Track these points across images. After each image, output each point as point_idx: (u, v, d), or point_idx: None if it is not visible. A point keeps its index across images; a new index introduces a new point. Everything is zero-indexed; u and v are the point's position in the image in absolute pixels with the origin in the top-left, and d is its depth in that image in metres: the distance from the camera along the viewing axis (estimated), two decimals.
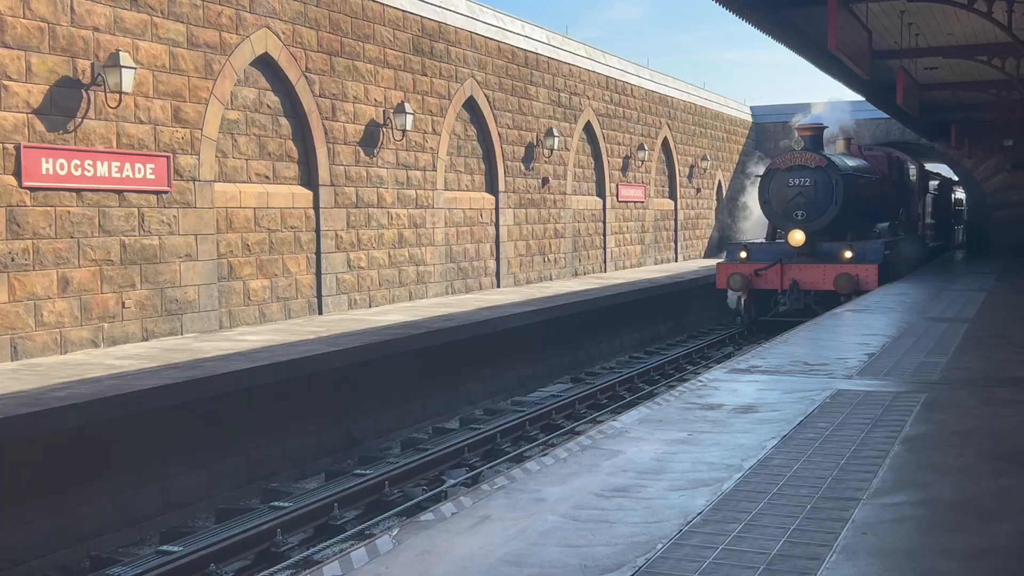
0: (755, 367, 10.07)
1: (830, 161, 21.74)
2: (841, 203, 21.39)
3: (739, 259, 22.07)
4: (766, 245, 22.59)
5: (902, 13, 17.52)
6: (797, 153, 22.09)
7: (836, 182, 21.45)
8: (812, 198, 21.54)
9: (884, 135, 37.70)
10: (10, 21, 12.03)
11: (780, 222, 22.20)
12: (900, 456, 6.37)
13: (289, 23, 16.49)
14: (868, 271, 20.49)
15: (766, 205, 22.42)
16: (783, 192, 21.89)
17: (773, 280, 21.37)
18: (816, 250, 21.38)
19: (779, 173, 22.05)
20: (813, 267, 21.03)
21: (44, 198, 12.46)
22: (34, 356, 12.31)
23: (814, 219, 21.48)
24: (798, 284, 21.03)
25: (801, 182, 21.69)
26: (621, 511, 5.28)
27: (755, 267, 21.50)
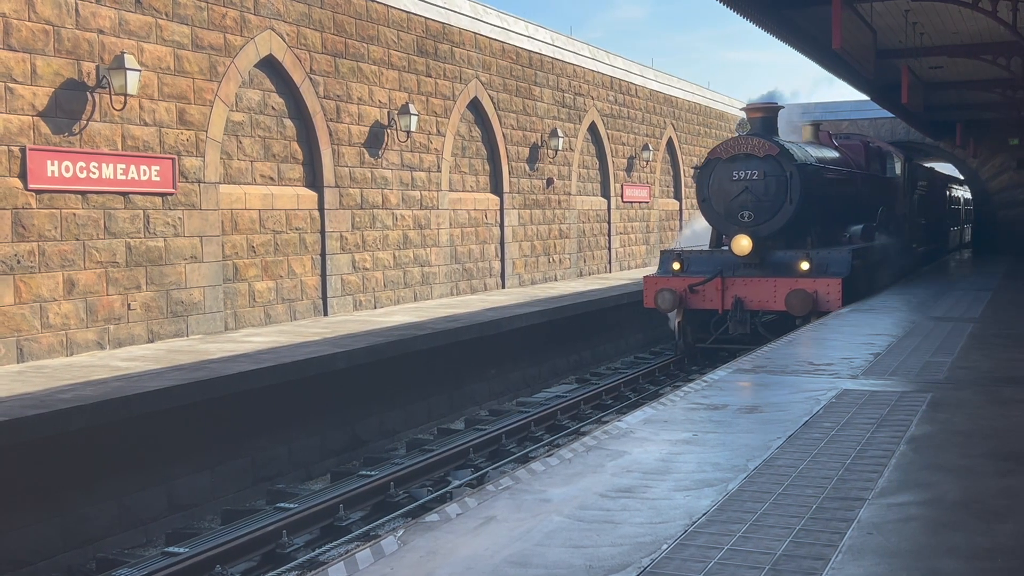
0: (760, 367, 10.06)
1: (782, 148, 17.29)
2: (798, 201, 17.10)
3: (671, 271, 18.02)
4: (706, 254, 18.17)
5: (906, 12, 17.51)
6: (742, 139, 17.79)
7: (791, 175, 17.07)
8: (761, 195, 17.26)
9: (889, 134, 37.61)
10: (15, 24, 12.05)
11: (722, 225, 17.93)
12: (906, 456, 6.36)
13: (293, 25, 16.51)
14: (829, 287, 16.32)
15: (705, 204, 18.02)
16: (725, 187, 17.55)
17: (712, 298, 17.30)
18: (767, 260, 17.35)
19: (720, 164, 17.58)
20: (761, 282, 16.95)
21: (50, 200, 12.48)
22: (40, 358, 12.34)
23: (763, 221, 17.28)
24: (742, 303, 17.01)
25: (747, 175, 17.36)
26: (626, 512, 5.28)
27: (690, 281, 17.45)
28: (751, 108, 18.57)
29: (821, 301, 16.28)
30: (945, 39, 19.89)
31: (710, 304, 17.41)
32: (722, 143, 18.13)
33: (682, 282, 17.59)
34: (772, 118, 18.40)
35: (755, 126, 18.23)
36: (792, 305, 16.34)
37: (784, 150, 17.28)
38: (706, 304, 17.46)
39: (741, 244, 17.17)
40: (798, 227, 17.56)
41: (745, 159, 17.36)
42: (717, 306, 17.32)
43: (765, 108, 18.39)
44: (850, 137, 23.92)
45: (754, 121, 18.31)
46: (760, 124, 18.14)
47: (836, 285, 16.34)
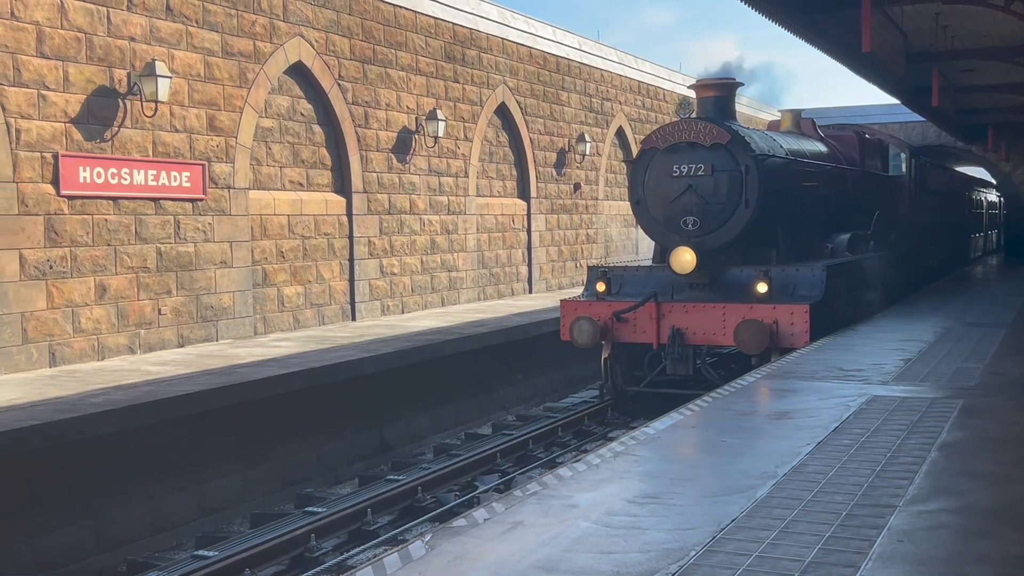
0: (790, 373, 10.00)
1: (735, 135, 13.37)
2: (756, 203, 13.21)
3: (596, 294, 14.08)
4: (643, 271, 14.34)
5: (937, 15, 17.36)
6: (684, 123, 13.74)
7: (747, 170, 13.20)
8: (709, 195, 13.41)
9: (920, 138, 37.32)
10: (48, 32, 12.20)
11: (661, 234, 14.02)
12: (936, 463, 6.30)
13: (322, 31, 16.60)
14: (793, 316, 12.46)
15: (639, 207, 13.99)
16: (664, 186, 13.64)
17: (645, 328, 13.38)
18: (718, 280, 13.55)
19: (658, 156, 13.68)
20: (705, 308, 13.06)
21: (81, 206, 12.62)
22: (72, 362, 12.46)
23: (712, 229, 13.42)
24: (682, 335, 13.14)
25: (691, 169, 13.47)
26: (654, 517, 5.26)
27: (615, 307, 13.55)
28: (701, 85, 14.38)
29: (782, 334, 12.40)
30: (977, 42, 19.70)
31: (642, 336, 13.43)
32: (659, 128, 14.06)
33: (607, 308, 13.60)
34: (728, 98, 14.30)
35: (706, 108, 14.13)
36: (742, 340, 12.34)
37: (737, 137, 13.34)
38: (637, 336, 13.48)
39: (682, 259, 13.16)
40: (759, 237, 13.81)
41: (688, 149, 13.39)
42: (651, 339, 13.33)
43: (719, 85, 14.19)
44: (843, 128, 19.76)
45: (705, 102, 14.17)
46: (713, 106, 14.08)
47: (802, 313, 12.40)
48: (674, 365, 13.38)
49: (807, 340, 12.29)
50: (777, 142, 14.65)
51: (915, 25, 17.92)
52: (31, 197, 12.01)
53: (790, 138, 15.80)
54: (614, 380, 14.35)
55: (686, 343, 13.19)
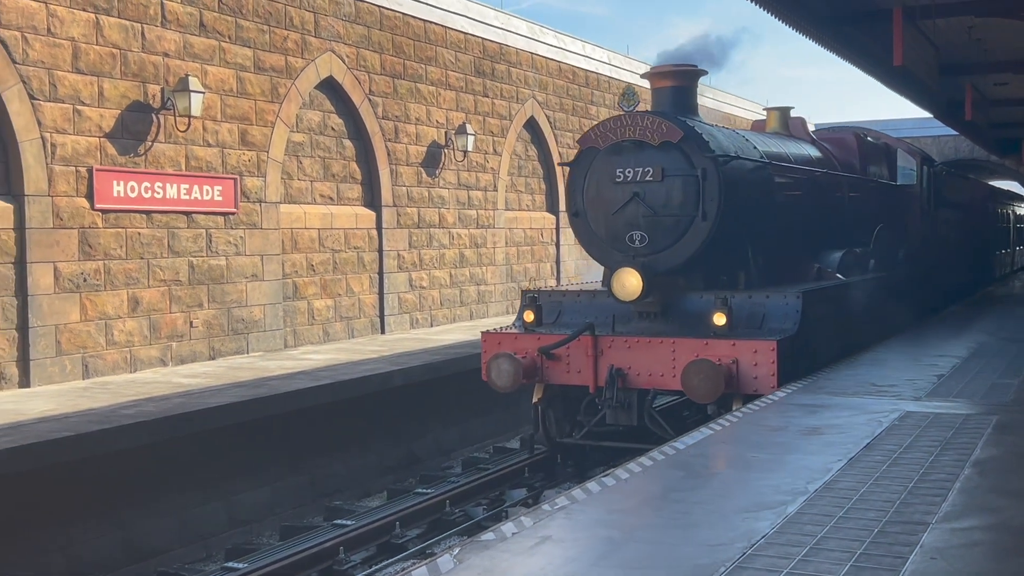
0: (821, 388, 9.93)
1: (690, 132, 10.91)
2: (717, 214, 10.77)
3: (524, 324, 11.56)
4: (585, 295, 11.72)
5: (970, 28, 17.24)
6: (629, 117, 11.16)
7: (704, 174, 10.77)
8: (659, 206, 10.94)
9: (953, 152, 37.05)
10: (83, 48, 12.36)
11: (603, 252, 11.41)
12: (970, 479, 6.22)
13: (353, 46, 16.72)
14: (757, 355, 10.07)
15: (578, 220, 11.53)
16: (607, 195, 11.18)
17: (580, 367, 10.89)
18: (671, 308, 11.13)
19: (600, 158, 11.22)
20: (651, 345, 10.59)
21: (115, 220, 12.75)
22: (104, 374, 12.58)
23: (664, 247, 10.97)
24: (623, 377, 10.68)
25: (637, 174, 10.99)
26: (684, 532, 5.23)
27: (544, 341, 11.03)
28: (656, 73, 11.91)
29: (743, 377, 10.02)
30: (1010, 55, 19.54)
31: (577, 377, 10.90)
32: (599, 124, 11.42)
33: (532, 341, 11.10)
34: (687, 89, 11.79)
35: (661, 101, 11.68)
36: (691, 385, 9.92)
37: (692, 134, 10.85)
38: (571, 377, 10.95)
39: (625, 283, 10.71)
40: (725, 256, 11.35)
41: (634, 150, 10.95)
42: (587, 381, 10.81)
43: (676, 73, 11.70)
44: (840, 130, 17.27)
45: (661, 94, 11.73)
46: (669, 98, 11.62)
47: (767, 351, 9.97)
48: (615, 413, 10.80)
49: (774, 384, 9.80)
50: (750, 143, 12.06)
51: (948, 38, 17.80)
52: (66, 211, 12.16)
53: (772, 139, 13.37)
54: (547, 429, 11.55)
55: (629, 386, 10.65)
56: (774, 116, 15.01)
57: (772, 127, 14.81)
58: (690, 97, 11.89)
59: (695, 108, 11.89)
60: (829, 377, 10.58)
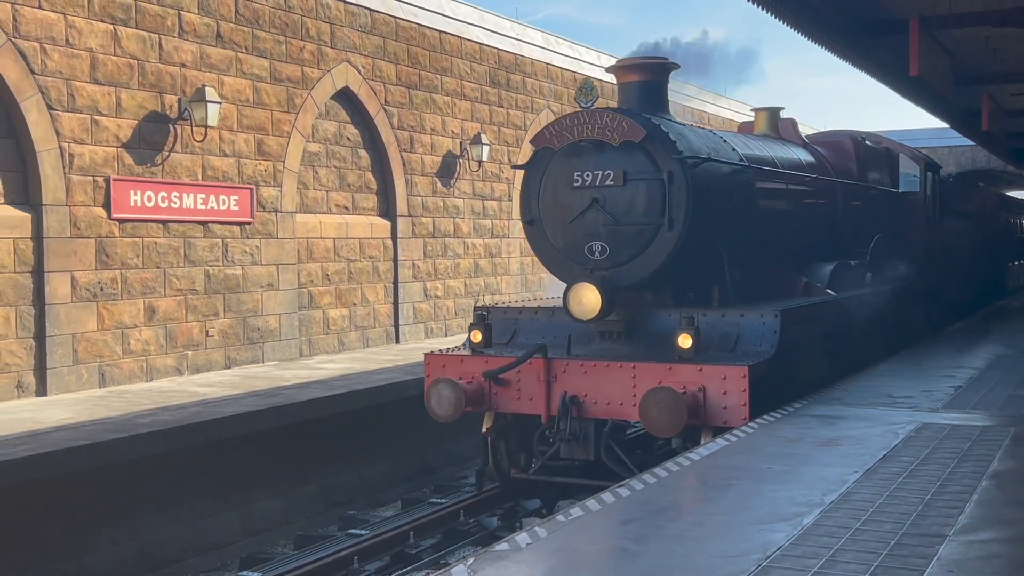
0: (837, 399, 9.88)
1: (654, 130, 9.65)
2: (685, 223, 9.55)
3: (472, 345, 10.36)
4: (543, 313, 10.54)
5: (987, 39, 17.19)
6: (587, 114, 9.99)
7: (670, 177, 9.52)
8: (621, 213, 9.73)
9: (970, 162, 36.92)
10: (102, 59, 12.45)
11: (560, 266, 10.19)
12: (988, 492, 6.18)
13: (369, 57, 16.79)
14: (726, 381, 8.84)
15: (533, 228, 10.31)
16: (564, 201, 9.98)
17: (532, 394, 9.69)
18: (636, 328, 9.96)
19: (556, 160, 10.02)
20: (609, 369, 9.35)
21: (132, 229, 12.82)
22: (121, 383, 12.63)
23: (626, 259, 9.77)
24: (578, 405, 9.46)
25: (596, 178, 9.80)
26: (699, 543, 5.21)
27: (493, 364, 9.85)
28: (621, 67, 10.56)
29: (711, 407, 8.83)
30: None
31: (528, 405, 9.70)
32: (555, 122, 10.14)
33: (482, 365, 9.90)
34: (656, 84, 10.48)
35: (627, 98, 10.41)
36: (650, 417, 8.67)
37: (658, 133, 9.63)
38: (522, 405, 9.76)
39: (583, 299, 9.56)
40: (698, 269, 10.21)
41: (593, 151, 9.77)
42: (539, 409, 9.62)
43: (644, 67, 10.44)
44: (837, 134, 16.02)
45: (627, 90, 10.44)
46: (636, 94, 10.33)
47: (738, 378, 8.74)
48: (569, 447, 9.60)
49: (745, 416, 8.65)
50: (728, 144, 10.92)
51: (963, 49, 17.76)
52: (83, 220, 12.23)
53: (756, 141, 12.27)
54: (497, 462, 10.38)
55: (585, 416, 9.43)
56: (763, 117, 13.85)
57: (760, 129, 13.69)
58: (659, 93, 10.57)
59: (665, 105, 10.60)
60: (845, 388, 10.54)
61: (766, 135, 13.35)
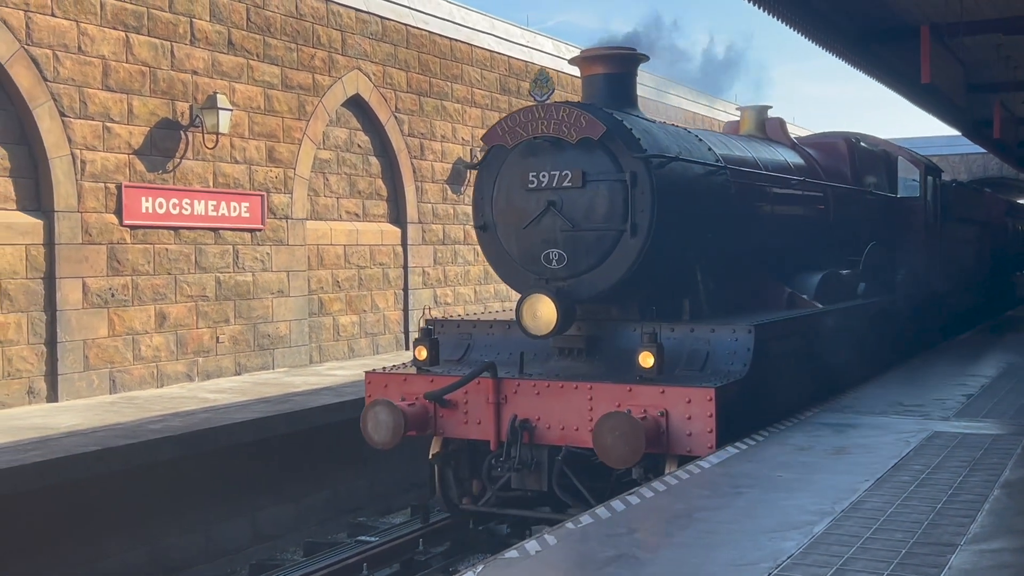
0: (848, 407, 9.85)
1: (615, 127, 8.73)
2: (650, 229, 8.66)
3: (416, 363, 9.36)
4: (499, 327, 9.62)
5: (999, 46, 17.15)
6: (542, 109, 8.98)
7: (634, 178, 8.64)
8: (580, 218, 8.82)
9: (982, 170, 36.81)
10: (114, 66, 12.51)
11: (514, 274, 9.42)
12: (1000, 501, 6.15)
13: (380, 64, 16.82)
14: (691, 405, 7.92)
15: (487, 235, 9.48)
16: (518, 204, 9.10)
17: (481, 417, 8.74)
18: (597, 345, 9.06)
19: (512, 159, 9.13)
20: (564, 391, 8.42)
21: (143, 236, 12.86)
22: (131, 389, 12.66)
23: (586, 268, 8.87)
24: (530, 430, 8.52)
25: (553, 179, 8.88)
26: (709, 551, 5.20)
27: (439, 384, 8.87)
28: (584, 58, 9.72)
29: (675, 434, 7.89)
30: None
31: (476, 430, 8.75)
32: (508, 117, 9.25)
33: (427, 385, 8.92)
34: (623, 77, 9.61)
35: (592, 91, 9.51)
36: (604, 445, 7.72)
37: (620, 129, 8.70)
38: (470, 429, 8.81)
39: (537, 313, 8.71)
40: (667, 280, 9.26)
41: (551, 149, 8.85)
42: (488, 434, 8.67)
43: (609, 57, 9.51)
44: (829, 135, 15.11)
45: (592, 83, 9.56)
46: (601, 88, 9.46)
47: (703, 401, 7.82)
48: (520, 476, 8.67)
49: (712, 444, 7.75)
50: (704, 143, 10.03)
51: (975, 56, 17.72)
52: (95, 227, 12.28)
53: (738, 141, 11.41)
54: (445, 491, 9.31)
55: (537, 442, 8.49)
56: (749, 116, 12.92)
57: (747, 129, 12.75)
58: (626, 86, 9.66)
59: (633, 100, 9.72)
60: (856, 396, 10.50)
61: (752, 135, 12.44)
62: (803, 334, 9.98)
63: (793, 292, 10.90)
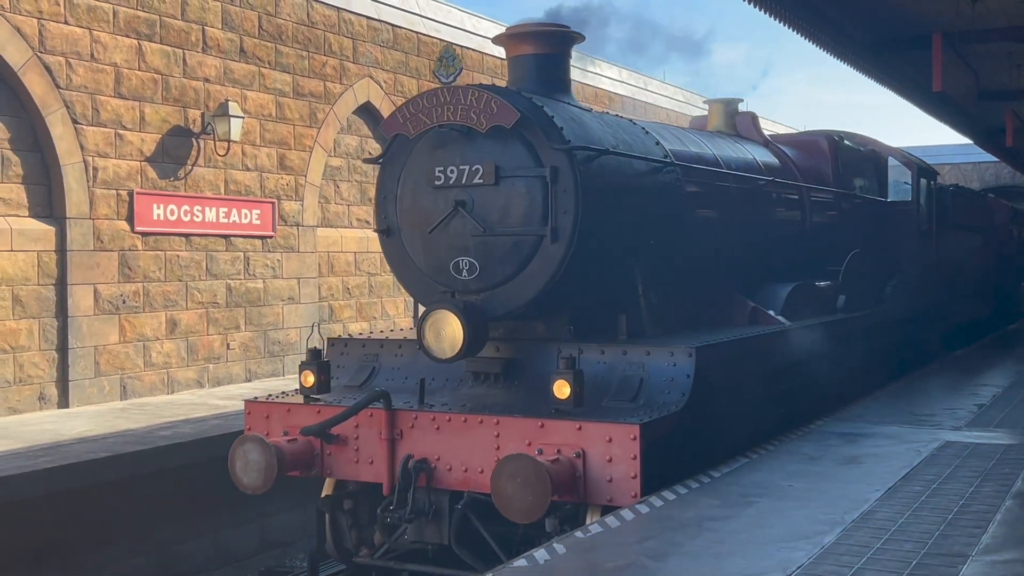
0: (859, 416, 9.81)
1: (534, 113, 7.41)
2: (574, 234, 7.32)
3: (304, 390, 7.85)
4: (409, 347, 8.09)
5: (1010, 54, 17.10)
6: (449, 92, 7.53)
7: (555, 174, 7.28)
8: (493, 222, 7.48)
9: (994, 179, 36.69)
10: (126, 73, 12.56)
11: (421, 287, 8.03)
12: (1011, 511, 6.11)
13: (391, 72, 16.86)
14: (612, 444, 6.47)
15: (390, 240, 8.17)
16: (423, 203, 7.77)
17: (372, 456, 7.30)
18: (519, 368, 7.69)
19: (417, 151, 7.80)
20: (467, 426, 6.97)
21: (155, 242, 12.90)
22: (142, 395, 12.69)
23: (501, 280, 7.53)
24: (428, 471, 7.05)
25: (463, 174, 7.53)
26: (718, 560, 5.18)
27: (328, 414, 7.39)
28: (511, 36, 8.36)
29: (593, 480, 6.57)
30: None
31: (368, 471, 7.38)
32: (409, 102, 7.76)
33: (312, 415, 7.56)
34: (556, 58, 8.39)
35: (518, 74, 8.29)
36: (503, 495, 6.38)
37: (538, 116, 7.45)
38: (360, 470, 7.42)
39: (441, 332, 7.32)
40: (602, 293, 8.03)
41: (461, 140, 7.56)
42: (381, 476, 7.29)
43: (539, 35, 8.24)
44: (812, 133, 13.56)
45: (518, 65, 8.31)
46: (530, 70, 8.21)
47: (626, 441, 6.48)
48: (418, 527, 7.29)
49: (636, 492, 6.44)
50: (652, 136, 8.75)
51: (988, 65, 17.67)
52: (106, 233, 12.33)
53: (698, 136, 10.13)
54: (339, 541, 7.83)
55: (437, 486, 7.11)
56: (717, 111, 11.67)
57: (715, 125, 11.54)
58: (559, 69, 8.44)
59: (566, 85, 8.48)
60: (866, 406, 10.46)
61: (721, 131, 11.25)
62: (761, 356, 8.60)
63: (757, 307, 9.54)
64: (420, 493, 7.10)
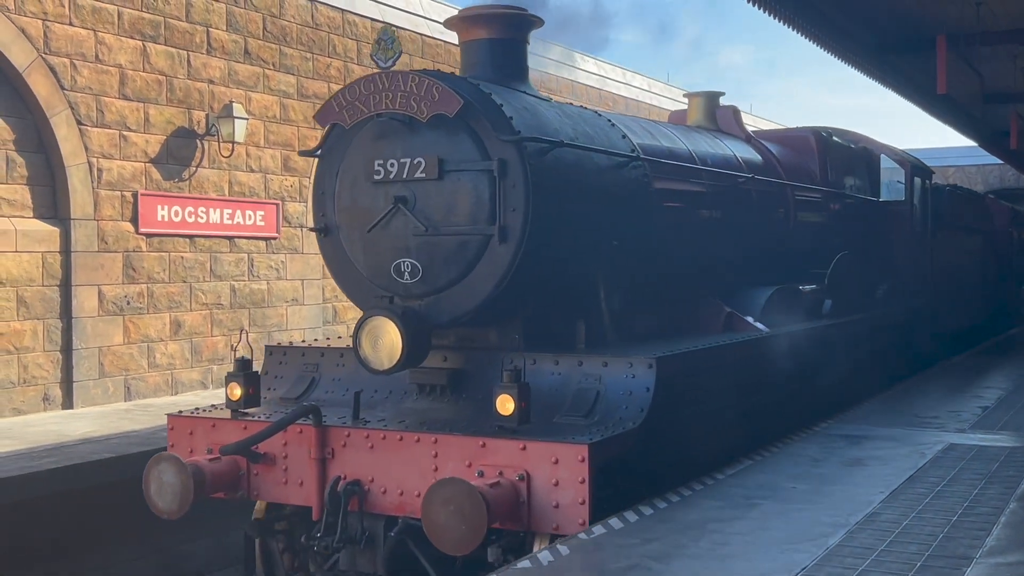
0: (863, 418, 9.80)
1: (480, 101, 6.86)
2: (524, 234, 6.73)
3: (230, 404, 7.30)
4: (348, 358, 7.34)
5: (1015, 57, 17.09)
6: (388, 77, 6.91)
7: (503, 168, 6.68)
8: (437, 220, 6.89)
9: (999, 181, 36.64)
10: (131, 75, 12.58)
11: (361, 291, 7.33)
12: (1016, 514, 6.10)
13: None
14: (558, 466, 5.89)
15: (328, 240, 7.47)
16: (362, 200, 7.17)
17: (302, 477, 6.73)
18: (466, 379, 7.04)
19: (355, 142, 7.21)
20: (403, 444, 6.40)
21: (159, 244, 12.92)
22: (146, 397, 12.70)
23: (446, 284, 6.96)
24: (361, 494, 6.47)
25: (404, 167, 6.92)
26: (722, 563, 5.17)
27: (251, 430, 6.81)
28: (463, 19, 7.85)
29: (538, 506, 5.98)
30: None
31: (297, 493, 6.84)
32: (345, 88, 7.20)
33: (239, 431, 7.01)
34: (512, 44, 7.89)
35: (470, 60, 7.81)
36: (434, 523, 5.74)
37: (486, 103, 6.94)
38: (290, 492, 6.88)
39: (379, 340, 6.78)
40: (557, 298, 7.47)
41: (403, 130, 7.00)
42: (310, 499, 6.75)
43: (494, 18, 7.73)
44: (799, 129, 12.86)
45: (471, 50, 7.80)
46: (483, 56, 7.72)
47: (574, 463, 5.89)
48: (350, 555, 6.68)
49: (584, 519, 5.87)
50: (618, 129, 8.25)
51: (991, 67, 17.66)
52: (111, 235, 12.34)
53: (671, 130, 9.51)
54: (271, 569, 7.29)
55: (370, 511, 6.56)
56: (696, 105, 11.19)
57: (695, 119, 11.08)
58: (515, 55, 7.91)
59: (523, 73, 8.03)
60: (871, 408, 10.45)
61: (700, 126, 10.75)
62: (736, 366, 8.02)
63: (733, 312, 8.98)
64: (352, 518, 6.50)
